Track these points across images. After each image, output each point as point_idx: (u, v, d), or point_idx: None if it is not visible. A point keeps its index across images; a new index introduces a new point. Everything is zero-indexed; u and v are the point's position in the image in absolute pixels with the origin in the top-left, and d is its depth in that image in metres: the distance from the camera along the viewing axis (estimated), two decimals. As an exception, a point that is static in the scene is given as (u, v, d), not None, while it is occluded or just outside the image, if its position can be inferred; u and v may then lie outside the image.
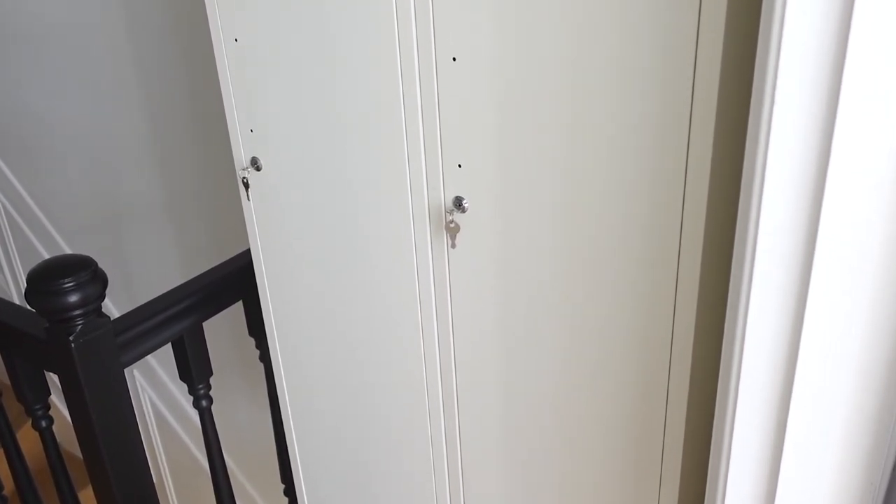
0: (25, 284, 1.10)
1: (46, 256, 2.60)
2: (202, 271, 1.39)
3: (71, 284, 1.08)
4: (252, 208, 1.14)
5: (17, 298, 2.90)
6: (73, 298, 1.08)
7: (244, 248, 1.42)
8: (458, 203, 0.88)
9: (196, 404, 1.38)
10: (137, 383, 2.38)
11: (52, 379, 2.08)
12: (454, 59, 0.81)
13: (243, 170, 1.11)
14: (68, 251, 2.50)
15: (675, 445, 0.82)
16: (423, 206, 0.91)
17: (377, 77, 0.88)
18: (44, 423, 1.33)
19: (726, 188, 0.72)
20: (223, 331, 1.93)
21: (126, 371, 1.20)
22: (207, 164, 1.85)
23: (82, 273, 1.09)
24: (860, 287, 0.56)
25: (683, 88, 0.67)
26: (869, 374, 0.59)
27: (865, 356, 0.59)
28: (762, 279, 0.58)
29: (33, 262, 2.65)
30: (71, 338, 1.10)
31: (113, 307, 2.39)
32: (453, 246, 0.90)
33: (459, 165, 0.86)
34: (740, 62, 0.66)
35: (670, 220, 0.73)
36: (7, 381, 1.35)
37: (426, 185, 0.90)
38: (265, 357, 1.44)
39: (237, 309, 1.42)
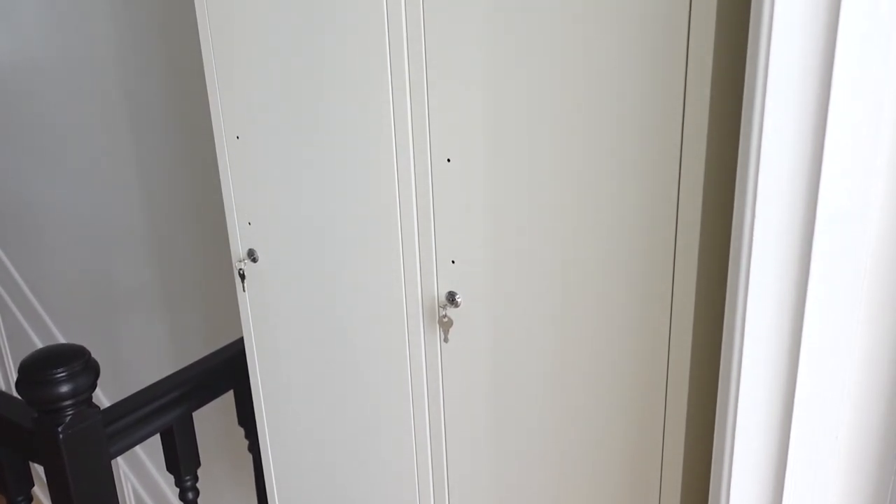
0: (14, 370, 1.10)
1: (37, 341, 2.58)
2: (194, 358, 1.39)
3: (62, 375, 1.08)
4: (247, 299, 1.15)
5: (2, 383, 2.86)
6: (64, 389, 1.08)
7: (236, 336, 1.43)
8: (452, 298, 0.89)
9: (182, 497, 1.36)
10: (121, 471, 2.33)
11: (36, 469, 2.03)
12: (448, 160, 0.84)
13: (240, 261, 1.13)
14: (59, 336, 2.49)
15: (668, 546, 0.81)
16: (416, 301, 0.93)
17: (374, 176, 0.91)
18: (25, 516, 1.30)
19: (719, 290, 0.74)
20: (211, 419, 1.91)
21: (112, 461, 1.19)
22: (202, 252, 1.87)
23: (74, 363, 1.09)
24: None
25: (671, 186, 0.70)
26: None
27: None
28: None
29: (23, 347, 2.63)
30: (59, 429, 1.08)
31: (102, 394, 2.37)
32: (446, 340, 0.91)
33: (453, 261, 0.88)
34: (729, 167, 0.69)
35: (660, 324, 0.74)
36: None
37: (420, 279, 0.92)
38: (254, 448, 1.43)
39: (227, 397, 1.41)
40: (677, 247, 0.71)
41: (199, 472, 1.37)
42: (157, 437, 1.31)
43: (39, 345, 2.57)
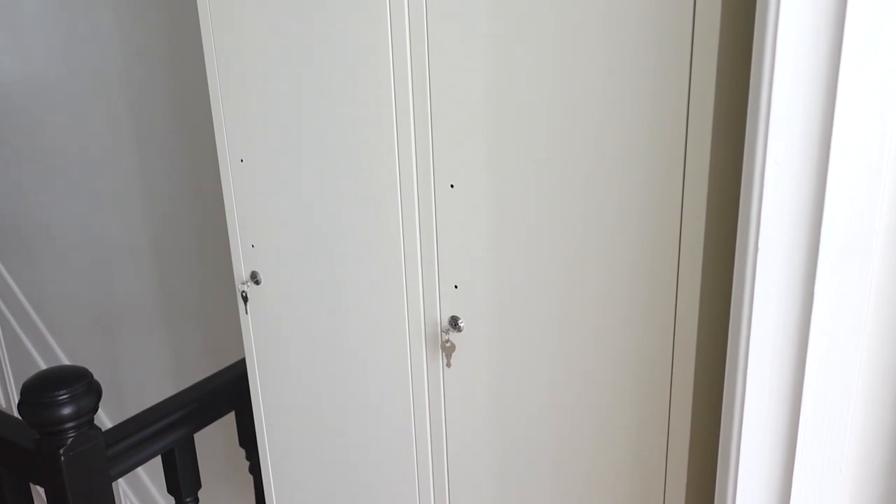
0: (14, 385, 1.10)
1: (38, 358, 2.58)
2: (194, 376, 1.39)
3: (65, 396, 1.08)
4: (250, 322, 1.15)
5: (2, 400, 2.85)
6: (67, 411, 1.08)
7: (237, 355, 1.43)
8: (454, 322, 0.89)
9: (182, 519, 1.35)
10: (121, 491, 2.32)
11: (37, 490, 2.02)
12: (452, 185, 0.85)
13: (243, 284, 1.13)
14: (60, 353, 2.49)
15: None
16: (419, 325, 0.93)
17: (378, 202, 0.92)
18: (25, 538, 1.29)
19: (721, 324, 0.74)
20: (212, 439, 1.90)
21: (112, 482, 1.18)
22: (204, 272, 1.87)
23: (77, 385, 1.09)
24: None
25: (673, 224, 0.70)
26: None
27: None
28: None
29: (24, 364, 2.63)
30: (61, 451, 1.08)
31: (103, 413, 2.36)
32: (448, 365, 0.91)
33: (456, 286, 0.88)
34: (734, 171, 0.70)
35: (664, 353, 0.75)
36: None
37: (423, 304, 0.92)
38: (255, 469, 1.42)
39: (228, 418, 1.41)
40: (680, 271, 0.71)
41: (200, 493, 1.37)
42: (159, 458, 1.31)
43: (40, 362, 2.56)
